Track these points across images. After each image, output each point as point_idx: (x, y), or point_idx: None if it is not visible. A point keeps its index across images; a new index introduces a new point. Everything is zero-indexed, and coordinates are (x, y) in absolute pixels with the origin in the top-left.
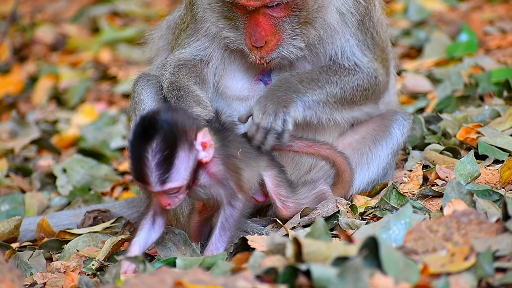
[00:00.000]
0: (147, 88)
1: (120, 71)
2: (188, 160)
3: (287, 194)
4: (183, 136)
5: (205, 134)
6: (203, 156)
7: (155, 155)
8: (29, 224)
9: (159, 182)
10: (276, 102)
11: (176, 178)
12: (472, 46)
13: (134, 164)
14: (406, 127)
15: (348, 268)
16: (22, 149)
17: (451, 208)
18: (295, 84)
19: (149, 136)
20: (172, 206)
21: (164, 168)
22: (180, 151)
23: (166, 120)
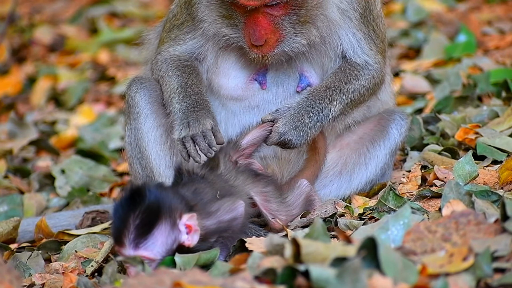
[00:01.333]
0: (140, 91)
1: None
2: (167, 236)
3: (277, 208)
4: (167, 212)
5: (192, 219)
6: (185, 239)
7: (136, 220)
8: (28, 225)
9: (133, 245)
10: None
11: (151, 248)
12: (470, 47)
13: (114, 225)
14: (404, 126)
15: (346, 268)
16: (21, 150)
17: (449, 209)
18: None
19: (134, 203)
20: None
21: (142, 232)
22: (162, 224)
23: (154, 192)
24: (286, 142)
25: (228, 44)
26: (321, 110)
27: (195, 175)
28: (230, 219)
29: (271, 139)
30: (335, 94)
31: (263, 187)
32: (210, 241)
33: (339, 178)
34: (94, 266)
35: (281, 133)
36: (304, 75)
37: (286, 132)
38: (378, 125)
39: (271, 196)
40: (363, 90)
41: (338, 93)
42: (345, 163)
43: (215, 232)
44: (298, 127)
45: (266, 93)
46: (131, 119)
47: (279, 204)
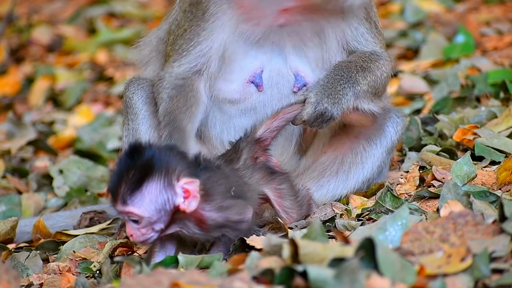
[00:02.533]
0: (138, 92)
1: (116, 72)
2: (158, 195)
3: (291, 205)
4: (161, 171)
5: (193, 184)
6: (181, 202)
7: (127, 175)
8: (25, 226)
9: (121, 200)
10: (331, 99)
11: (139, 204)
12: (468, 48)
13: (111, 178)
14: (400, 124)
15: (344, 269)
16: (19, 150)
17: (447, 209)
18: (354, 74)
19: (132, 158)
20: (133, 239)
21: (131, 188)
22: (152, 182)
23: (153, 151)
24: (323, 112)
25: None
26: (351, 78)
27: (211, 164)
28: (237, 221)
29: (305, 112)
30: (359, 67)
31: (278, 184)
32: (212, 235)
33: (336, 177)
34: (97, 266)
35: (315, 102)
36: (299, 75)
37: (320, 101)
38: (374, 124)
39: (286, 193)
40: (379, 73)
41: (361, 67)
42: (342, 163)
43: (220, 227)
44: (331, 94)
45: (262, 95)
46: (129, 119)
47: (293, 202)
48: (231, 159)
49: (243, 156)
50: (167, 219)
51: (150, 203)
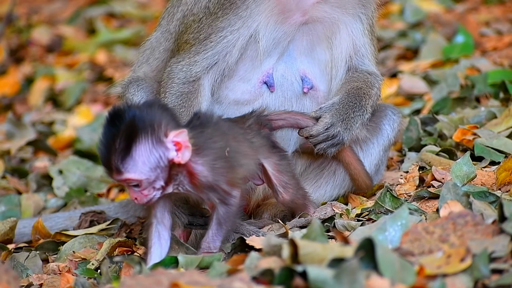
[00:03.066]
0: (138, 93)
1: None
2: (149, 154)
3: (288, 181)
4: (148, 130)
5: (181, 135)
6: (175, 155)
7: (116, 143)
8: (25, 226)
9: (116, 170)
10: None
11: (133, 169)
12: (468, 48)
13: (100, 151)
14: (396, 121)
15: (344, 269)
16: (18, 151)
17: (447, 210)
18: (364, 102)
19: (114, 125)
20: (139, 202)
21: (121, 157)
22: (140, 143)
23: (134, 112)
24: (335, 134)
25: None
26: (362, 106)
27: (208, 120)
28: (225, 191)
29: (316, 128)
30: (366, 94)
31: (277, 159)
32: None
33: (334, 177)
34: (95, 264)
35: (329, 123)
36: (306, 77)
37: (334, 123)
38: (370, 122)
39: (284, 169)
40: (375, 97)
41: (367, 94)
42: (339, 162)
43: (209, 188)
44: (345, 120)
45: (273, 95)
46: None
47: (291, 178)
48: (237, 120)
49: (250, 121)
50: (165, 175)
51: (143, 165)
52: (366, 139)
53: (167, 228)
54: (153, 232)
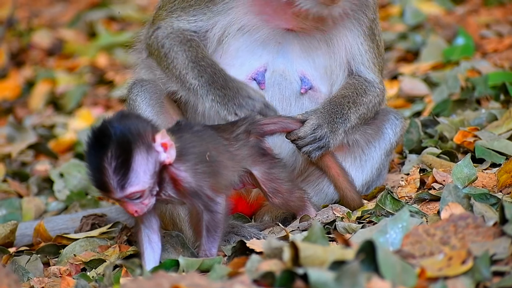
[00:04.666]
0: (141, 94)
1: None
2: (147, 163)
3: (279, 188)
4: (139, 140)
5: (163, 135)
6: (165, 157)
7: (111, 162)
8: (26, 229)
9: (119, 188)
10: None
11: (136, 182)
12: (468, 50)
13: (93, 174)
14: (399, 126)
15: (345, 272)
16: (19, 154)
17: (448, 212)
18: (346, 110)
19: (103, 145)
20: (139, 213)
21: (122, 173)
22: (137, 154)
23: (118, 126)
24: (321, 136)
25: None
26: (343, 115)
27: (189, 127)
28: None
29: (303, 130)
30: (351, 103)
31: (267, 168)
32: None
33: None
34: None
35: (316, 124)
36: (306, 78)
37: (321, 125)
38: (372, 126)
39: (275, 176)
40: (370, 105)
41: (353, 103)
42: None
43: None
44: (330, 123)
45: (264, 93)
46: None
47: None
48: (225, 129)
49: (238, 131)
50: (158, 179)
51: (144, 174)
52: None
53: (156, 231)
54: (143, 238)
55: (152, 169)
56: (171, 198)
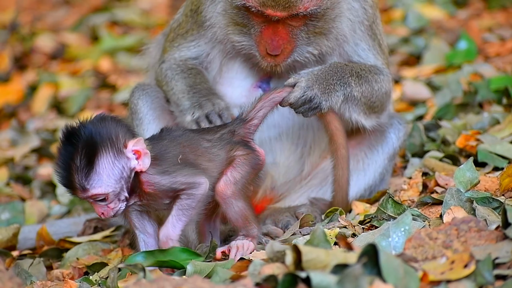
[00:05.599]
0: (143, 97)
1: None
2: (112, 167)
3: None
4: (107, 143)
5: (139, 143)
6: (136, 164)
7: (76, 161)
8: (29, 232)
9: (81, 188)
10: (322, 89)
11: (99, 184)
12: (471, 54)
13: (59, 171)
14: (402, 131)
15: (347, 275)
16: (22, 158)
17: (450, 216)
18: (347, 77)
19: (71, 144)
20: (106, 216)
21: (85, 173)
22: (102, 157)
23: (88, 128)
24: (312, 97)
25: (235, 52)
26: (343, 78)
27: (167, 133)
28: (186, 183)
29: (293, 95)
30: (354, 72)
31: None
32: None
33: None
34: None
35: (305, 87)
36: None
37: (311, 86)
38: (375, 130)
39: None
40: (376, 87)
41: (356, 73)
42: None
43: (167, 191)
44: (323, 84)
45: None
46: (134, 125)
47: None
48: (209, 130)
49: (223, 131)
50: (128, 185)
51: (108, 178)
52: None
53: (152, 235)
54: (140, 243)
55: (118, 174)
56: (149, 203)
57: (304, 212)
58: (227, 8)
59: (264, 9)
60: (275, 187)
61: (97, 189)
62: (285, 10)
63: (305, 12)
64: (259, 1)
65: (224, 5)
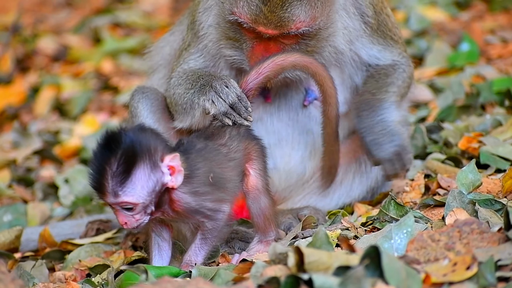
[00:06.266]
0: (143, 100)
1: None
2: (147, 179)
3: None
4: (146, 154)
5: (175, 159)
6: (169, 180)
7: (113, 167)
8: (31, 234)
9: (113, 193)
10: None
11: (132, 193)
12: (473, 56)
13: (93, 174)
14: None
15: (349, 277)
16: (25, 160)
17: (453, 218)
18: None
19: (110, 149)
20: (128, 226)
21: (120, 180)
22: (140, 168)
23: (130, 136)
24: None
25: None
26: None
27: (193, 146)
28: (212, 209)
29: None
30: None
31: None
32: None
33: (340, 187)
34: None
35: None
36: (310, 89)
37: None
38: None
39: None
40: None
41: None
42: (346, 172)
43: (194, 213)
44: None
45: (269, 106)
46: None
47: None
48: (217, 134)
49: (228, 129)
50: (157, 200)
51: (142, 189)
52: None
53: (166, 240)
54: (153, 245)
55: (152, 186)
56: (171, 218)
57: (306, 214)
58: (219, 21)
59: (256, 26)
60: (277, 191)
61: (129, 197)
62: (277, 28)
63: (297, 32)
64: (251, 18)
65: (216, 18)
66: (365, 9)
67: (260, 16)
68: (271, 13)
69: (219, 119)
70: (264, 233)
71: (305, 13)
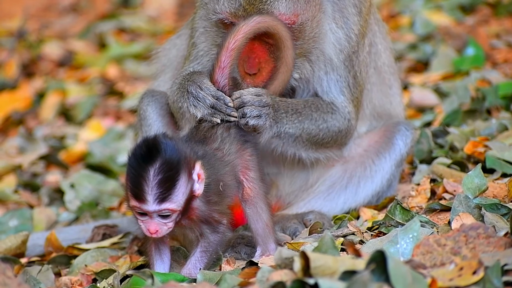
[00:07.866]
0: (152, 104)
1: (127, 86)
2: (186, 186)
3: (256, 177)
4: (185, 162)
5: (200, 166)
6: (197, 188)
7: (157, 175)
8: (37, 239)
9: (157, 200)
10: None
11: (175, 200)
12: (478, 60)
13: (133, 182)
14: (409, 137)
15: (355, 282)
16: (30, 165)
17: (459, 222)
18: (280, 113)
19: (152, 157)
20: (158, 235)
21: (165, 187)
22: (182, 175)
23: (169, 144)
24: (265, 104)
25: None
26: (276, 115)
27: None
28: (217, 221)
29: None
30: (291, 109)
31: (249, 155)
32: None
33: (345, 191)
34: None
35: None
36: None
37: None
38: (383, 137)
39: (253, 165)
40: (323, 127)
41: (295, 111)
42: (351, 177)
43: (202, 221)
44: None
45: None
46: (143, 131)
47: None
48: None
49: (219, 131)
50: (185, 205)
51: (182, 196)
52: (370, 154)
53: (165, 243)
54: (153, 249)
55: (187, 193)
56: (182, 226)
57: (312, 219)
58: (206, 25)
59: (236, 20)
60: (281, 196)
61: (172, 205)
62: None
63: None
64: (230, 12)
65: (204, 22)
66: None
67: (239, 10)
68: (250, 5)
69: (207, 120)
70: (265, 243)
71: (285, 6)
